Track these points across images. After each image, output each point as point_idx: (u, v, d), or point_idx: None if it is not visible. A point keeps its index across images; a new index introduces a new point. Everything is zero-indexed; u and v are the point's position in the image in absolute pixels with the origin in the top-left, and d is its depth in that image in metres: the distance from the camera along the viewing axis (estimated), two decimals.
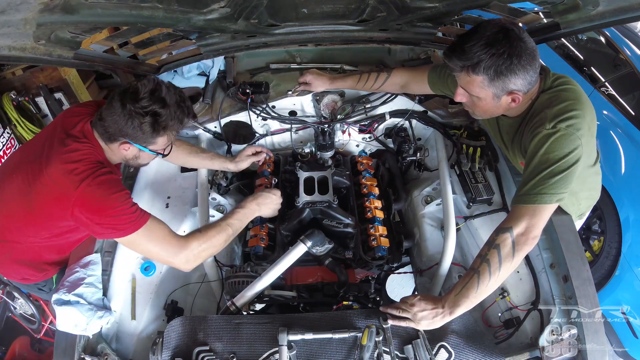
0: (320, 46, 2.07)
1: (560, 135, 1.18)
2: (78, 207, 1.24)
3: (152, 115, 1.27)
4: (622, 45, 3.13)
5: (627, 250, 2.60)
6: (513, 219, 1.20)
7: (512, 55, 1.15)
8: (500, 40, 1.15)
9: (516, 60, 1.16)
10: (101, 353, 1.30)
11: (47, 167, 1.27)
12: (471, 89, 1.26)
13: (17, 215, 1.36)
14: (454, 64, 1.23)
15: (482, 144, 1.77)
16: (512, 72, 1.17)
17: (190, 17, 1.28)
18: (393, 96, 1.93)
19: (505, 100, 1.25)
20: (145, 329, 1.49)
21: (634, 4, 1.12)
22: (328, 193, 1.73)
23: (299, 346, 1.22)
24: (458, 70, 1.24)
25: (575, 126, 1.19)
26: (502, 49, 1.15)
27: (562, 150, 1.17)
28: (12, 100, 3.13)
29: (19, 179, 1.33)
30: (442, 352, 1.25)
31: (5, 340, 2.40)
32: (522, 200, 1.21)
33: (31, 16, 0.98)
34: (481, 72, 1.18)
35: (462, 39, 1.21)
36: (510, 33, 1.15)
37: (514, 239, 1.18)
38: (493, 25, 1.18)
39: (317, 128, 1.94)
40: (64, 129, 1.35)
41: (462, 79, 1.27)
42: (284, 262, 1.45)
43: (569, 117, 1.20)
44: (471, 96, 1.29)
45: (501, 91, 1.22)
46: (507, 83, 1.20)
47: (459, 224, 1.70)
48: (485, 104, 1.29)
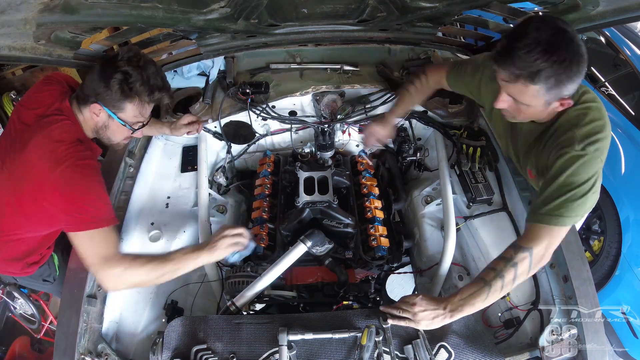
0: (320, 46, 2.07)
1: (588, 159, 1.15)
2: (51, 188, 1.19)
3: (122, 73, 1.24)
4: (622, 45, 3.13)
5: (627, 250, 2.60)
6: (534, 239, 1.17)
7: (573, 63, 1.06)
8: (559, 45, 1.04)
9: (576, 67, 1.06)
10: (101, 353, 1.30)
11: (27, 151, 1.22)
12: (522, 98, 1.15)
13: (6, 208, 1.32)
14: (509, 73, 1.10)
15: (482, 144, 1.77)
16: (571, 79, 1.08)
17: (190, 17, 1.28)
18: (393, 96, 1.93)
19: (554, 105, 1.17)
20: (145, 329, 1.49)
21: (634, 4, 1.12)
22: (328, 193, 1.73)
23: (299, 346, 1.22)
24: (513, 80, 1.11)
25: (601, 149, 1.17)
26: (563, 56, 1.04)
27: (587, 174, 1.15)
28: (12, 100, 3.13)
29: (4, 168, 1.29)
30: (442, 352, 1.25)
31: (5, 340, 2.40)
32: (543, 220, 1.17)
33: (31, 16, 0.98)
34: (541, 81, 1.07)
35: (513, 42, 1.08)
36: (567, 35, 1.05)
37: (532, 259, 1.16)
38: (547, 25, 1.06)
39: (317, 128, 1.94)
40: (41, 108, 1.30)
41: (513, 87, 1.14)
42: (284, 262, 1.45)
43: (597, 140, 1.15)
44: (518, 103, 1.19)
45: (554, 98, 1.13)
46: (562, 90, 1.11)
47: (459, 224, 1.70)
48: (532, 111, 1.20)
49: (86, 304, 1.36)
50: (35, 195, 1.24)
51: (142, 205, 1.69)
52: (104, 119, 1.32)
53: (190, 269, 1.31)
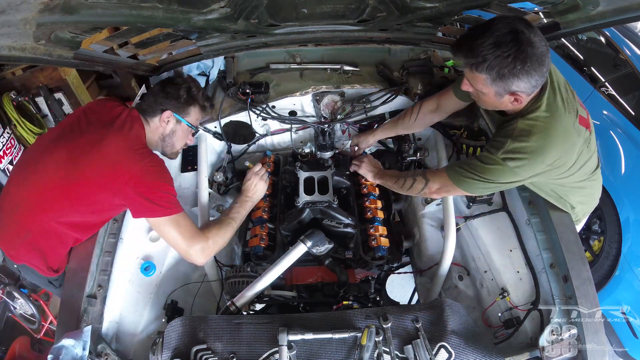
0: (320, 46, 2.07)
1: (500, 169, 1.29)
2: (135, 180, 1.34)
3: (185, 88, 1.56)
4: (622, 45, 3.13)
5: (627, 251, 2.60)
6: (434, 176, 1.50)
7: (517, 60, 1.15)
8: (507, 43, 1.14)
9: (520, 65, 1.15)
10: (101, 353, 1.30)
11: (102, 143, 1.37)
12: (474, 84, 1.28)
13: (57, 189, 1.38)
14: (459, 59, 1.26)
15: (482, 144, 1.78)
16: (515, 75, 1.17)
17: (190, 17, 1.28)
18: (393, 96, 1.93)
19: (508, 98, 1.26)
20: (145, 329, 1.49)
21: (634, 4, 1.12)
22: (328, 193, 1.73)
23: (299, 346, 1.22)
24: (463, 66, 1.27)
25: (521, 168, 1.27)
26: (507, 52, 1.14)
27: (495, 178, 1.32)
28: (12, 100, 3.13)
29: (64, 152, 1.39)
30: (442, 352, 1.25)
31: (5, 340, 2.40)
32: (446, 169, 1.46)
33: (31, 16, 0.98)
34: (484, 71, 1.19)
35: (472, 33, 1.21)
36: (520, 36, 1.14)
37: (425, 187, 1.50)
38: (505, 24, 1.16)
39: (317, 128, 1.94)
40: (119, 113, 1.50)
41: (468, 73, 1.29)
42: (284, 262, 1.45)
43: (519, 158, 1.26)
44: (476, 90, 1.31)
45: (503, 91, 1.23)
46: (508, 84, 1.20)
47: (459, 224, 1.70)
48: (488, 99, 1.31)
49: (86, 304, 1.37)
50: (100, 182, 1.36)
51: None
52: (172, 125, 1.56)
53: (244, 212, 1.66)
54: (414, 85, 1.98)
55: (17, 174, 1.50)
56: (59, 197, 1.38)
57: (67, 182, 1.36)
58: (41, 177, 1.40)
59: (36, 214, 1.40)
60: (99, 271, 1.45)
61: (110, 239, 1.52)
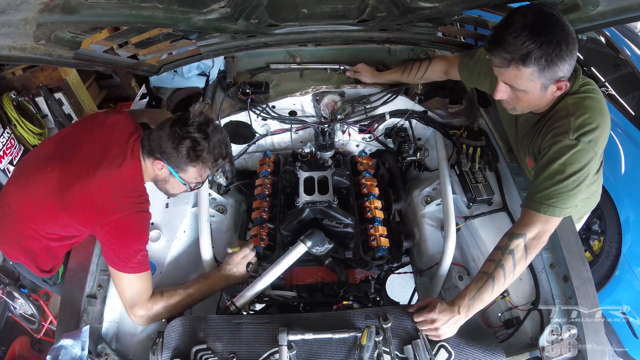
0: (320, 46, 2.07)
1: (580, 149, 1.18)
2: (109, 227, 1.30)
3: (191, 141, 1.36)
4: (622, 45, 3.13)
5: (627, 251, 2.60)
6: (526, 226, 1.23)
7: (562, 41, 1.10)
8: (546, 27, 1.09)
9: (564, 45, 1.10)
10: (101, 353, 1.30)
11: (94, 176, 1.33)
12: (518, 83, 1.19)
13: (46, 208, 1.38)
14: (501, 58, 1.15)
15: (482, 144, 1.78)
16: (562, 58, 1.12)
17: (190, 17, 1.28)
18: (393, 96, 1.93)
19: (551, 89, 1.20)
20: (145, 329, 1.49)
21: (634, 4, 1.12)
22: (328, 193, 1.73)
23: (299, 346, 1.22)
24: (505, 65, 1.16)
25: (595, 141, 1.19)
26: (550, 36, 1.09)
27: (580, 164, 1.18)
28: (12, 100, 3.13)
29: (56, 174, 1.36)
30: (442, 352, 1.25)
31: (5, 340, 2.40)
32: (534, 207, 1.22)
33: (31, 16, 0.98)
34: (532, 63, 1.11)
35: (502, 30, 1.13)
36: (552, 17, 1.10)
37: (526, 244, 1.22)
38: (532, 11, 1.12)
39: (317, 128, 1.94)
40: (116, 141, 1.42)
41: (507, 74, 1.18)
42: (284, 262, 1.45)
43: (591, 130, 1.18)
44: (515, 91, 1.22)
45: (549, 80, 1.17)
46: (556, 71, 1.14)
47: (459, 224, 1.70)
48: (531, 97, 1.23)
49: (86, 304, 1.37)
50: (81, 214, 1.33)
51: None
52: (166, 174, 1.44)
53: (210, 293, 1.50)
54: (414, 85, 1.98)
55: (16, 179, 1.49)
56: (47, 215, 1.39)
57: (55, 204, 1.36)
58: (34, 190, 1.39)
59: (28, 223, 1.42)
60: (99, 271, 1.45)
61: None
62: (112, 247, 1.31)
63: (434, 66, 1.81)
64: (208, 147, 1.38)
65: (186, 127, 1.36)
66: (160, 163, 1.40)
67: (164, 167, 1.41)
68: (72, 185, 1.33)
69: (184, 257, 1.69)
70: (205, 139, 1.37)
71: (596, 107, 1.22)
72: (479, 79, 1.57)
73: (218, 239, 1.79)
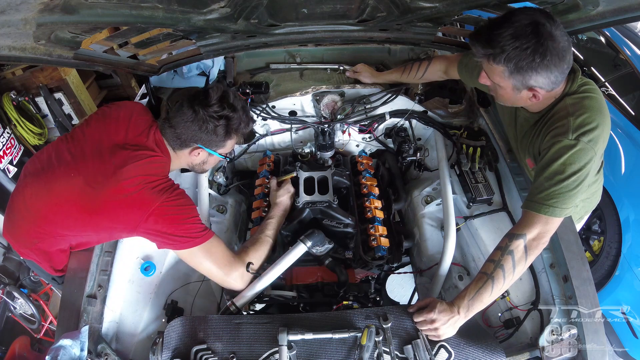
0: (320, 46, 2.07)
1: (580, 149, 1.18)
2: (154, 217, 1.27)
3: (224, 119, 1.36)
4: (622, 45, 3.13)
5: (627, 251, 2.60)
6: (526, 226, 1.24)
7: (536, 53, 1.10)
8: (527, 35, 1.10)
9: (539, 58, 1.11)
10: (101, 353, 1.30)
11: (121, 174, 1.29)
12: (492, 77, 1.24)
13: (75, 216, 1.33)
14: (477, 50, 1.19)
15: (482, 144, 1.78)
16: (533, 69, 1.13)
17: (190, 17, 1.28)
18: (393, 96, 1.93)
19: (526, 94, 1.22)
20: (145, 329, 1.49)
21: (634, 4, 1.12)
22: (328, 193, 1.73)
23: (299, 346, 1.22)
24: (479, 57, 1.20)
25: (594, 140, 1.19)
26: (526, 44, 1.10)
27: (579, 164, 1.19)
28: (12, 100, 3.13)
29: (80, 177, 1.31)
30: (442, 352, 1.25)
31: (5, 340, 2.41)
32: (535, 208, 1.23)
33: (31, 16, 0.98)
34: (502, 62, 1.14)
35: (491, 24, 1.16)
36: (540, 28, 1.10)
37: (526, 244, 1.22)
38: (526, 15, 1.12)
39: (317, 128, 1.94)
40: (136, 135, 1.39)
41: (485, 65, 1.23)
42: (284, 262, 1.45)
43: (590, 130, 1.19)
44: (493, 83, 1.26)
45: (521, 84, 1.19)
46: (527, 79, 1.16)
47: (459, 224, 1.70)
48: (505, 93, 1.26)
49: (86, 304, 1.37)
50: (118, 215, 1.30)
51: None
52: (204, 157, 1.46)
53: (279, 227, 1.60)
54: (414, 85, 1.98)
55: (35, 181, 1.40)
56: (72, 222, 1.34)
57: (83, 209, 1.31)
58: (56, 194, 1.34)
59: (47, 227, 1.38)
60: (99, 271, 1.45)
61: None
62: (169, 230, 1.28)
63: (434, 66, 1.82)
64: (240, 119, 1.40)
65: (211, 107, 1.34)
66: (198, 150, 1.41)
67: (202, 151, 1.42)
68: (101, 186, 1.29)
69: None
70: (234, 110, 1.37)
71: (595, 106, 1.22)
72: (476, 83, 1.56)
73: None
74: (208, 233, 1.34)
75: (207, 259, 1.33)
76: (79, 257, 1.47)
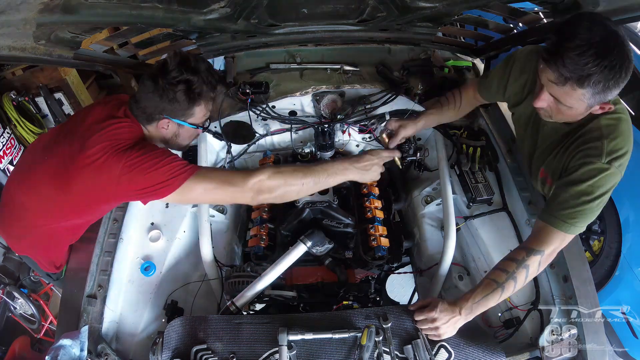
0: (320, 46, 2.07)
1: (610, 173, 1.16)
2: (125, 176, 1.18)
3: (184, 83, 1.26)
4: None
5: (627, 251, 2.60)
6: (545, 242, 1.21)
7: (622, 68, 1.01)
8: (612, 49, 0.99)
9: (625, 72, 1.02)
10: (101, 353, 1.30)
11: (87, 146, 1.21)
12: (565, 100, 1.11)
13: (51, 198, 1.29)
14: (558, 75, 1.05)
15: (482, 144, 1.77)
16: (618, 85, 1.04)
17: (190, 17, 1.28)
18: (393, 96, 1.92)
19: (594, 109, 1.14)
20: (145, 329, 1.49)
21: (634, 4, 1.12)
22: (328, 193, 1.73)
23: (299, 346, 1.22)
24: (561, 82, 1.06)
25: (623, 165, 1.18)
26: (615, 61, 1.00)
27: (606, 187, 1.17)
28: (12, 100, 3.12)
29: (53, 162, 1.27)
30: (442, 352, 1.25)
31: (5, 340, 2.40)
32: (556, 224, 1.19)
33: (31, 16, 0.98)
34: (589, 86, 1.03)
35: (564, 41, 1.02)
36: (619, 38, 1.00)
37: (541, 260, 1.21)
38: (599, 26, 1.01)
39: (317, 128, 1.94)
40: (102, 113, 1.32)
41: (558, 89, 1.09)
42: (284, 262, 1.45)
43: (621, 155, 1.17)
44: (559, 104, 1.14)
45: (597, 102, 1.10)
46: (608, 95, 1.07)
47: (459, 224, 1.70)
48: (572, 113, 1.15)
49: (86, 304, 1.37)
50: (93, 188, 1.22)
51: (142, 205, 1.68)
52: (174, 129, 1.36)
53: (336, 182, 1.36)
54: (414, 85, 1.98)
55: (17, 174, 1.46)
56: (50, 205, 1.32)
57: (56, 188, 1.27)
58: (33, 180, 1.32)
59: (36, 219, 1.38)
60: (99, 271, 1.45)
61: (110, 239, 1.52)
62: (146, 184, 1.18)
63: (466, 94, 1.66)
64: (202, 80, 1.29)
65: (170, 74, 1.25)
66: (165, 121, 1.32)
67: (170, 122, 1.33)
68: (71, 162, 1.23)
69: (183, 257, 1.70)
70: (195, 73, 1.27)
71: (627, 131, 1.20)
72: (497, 94, 1.52)
73: (218, 239, 1.79)
74: (194, 166, 1.23)
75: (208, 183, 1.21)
76: (79, 257, 1.47)
